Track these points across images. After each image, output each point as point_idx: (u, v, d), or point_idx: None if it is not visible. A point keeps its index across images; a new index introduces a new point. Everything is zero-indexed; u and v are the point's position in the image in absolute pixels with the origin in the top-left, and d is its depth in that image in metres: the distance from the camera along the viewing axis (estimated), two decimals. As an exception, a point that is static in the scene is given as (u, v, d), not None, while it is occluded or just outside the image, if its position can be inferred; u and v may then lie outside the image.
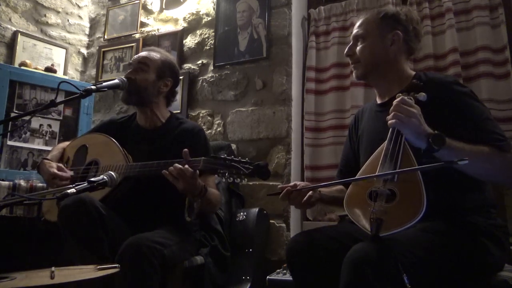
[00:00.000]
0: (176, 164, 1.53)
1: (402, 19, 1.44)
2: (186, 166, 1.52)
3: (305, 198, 1.36)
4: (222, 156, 1.46)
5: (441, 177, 1.19)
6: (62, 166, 1.83)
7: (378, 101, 1.52)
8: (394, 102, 1.18)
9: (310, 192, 1.37)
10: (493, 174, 1.19)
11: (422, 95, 1.22)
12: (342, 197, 1.25)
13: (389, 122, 1.18)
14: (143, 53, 1.94)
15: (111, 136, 1.88)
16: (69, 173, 1.81)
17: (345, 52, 1.53)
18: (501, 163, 1.16)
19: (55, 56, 3.23)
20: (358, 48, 1.47)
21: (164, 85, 1.92)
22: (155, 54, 1.94)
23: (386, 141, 1.23)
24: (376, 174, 1.17)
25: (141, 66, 1.88)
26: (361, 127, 1.58)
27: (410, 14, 1.47)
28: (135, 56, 1.97)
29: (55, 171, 1.77)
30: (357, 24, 1.51)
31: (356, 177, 1.26)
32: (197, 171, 1.54)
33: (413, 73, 1.46)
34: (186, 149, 1.55)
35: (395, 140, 1.20)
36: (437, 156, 1.13)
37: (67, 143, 2.06)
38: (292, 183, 1.41)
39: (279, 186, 1.42)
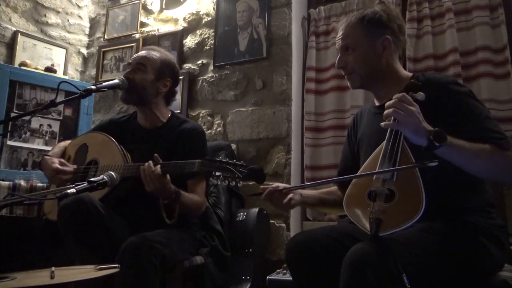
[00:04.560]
0: (149, 164, 1.56)
1: (386, 21, 1.41)
2: (158, 167, 1.54)
3: (285, 200, 1.38)
4: (217, 159, 1.47)
5: (441, 177, 1.18)
6: (64, 161, 1.83)
7: (376, 103, 1.51)
8: (394, 98, 1.16)
9: (291, 194, 1.39)
10: (494, 172, 1.19)
11: (420, 95, 1.21)
12: (330, 199, 1.25)
13: (386, 122, 1.17)
14: (142, 53, 1.94)
15: (111, 135, 1.88)
16: (71, 167, 1.80)
17: (336, 65, 1.49)
18: (502, 161, 1.16)
19: (55, 56, 3.23)
20: (350, 59, 1.44)
21: (163, 85, 1.92)
22: (155, 53, 1.93)
23: (384, 141, 1.23)
24: (370, 172, 1.17)
25: (140, 66, 1.87)
26: (360, 129, 1.57)
27: (390, 11, 1.44)
28: (134, 56, 1.96)
29: (58, 166, 1.77)
30: (341, 33, 1.46)
31: (347, 176, 1.26)
32: (167, 175, 1.56)
33: (409, 73, 1.45)
34: (156, 154, 1.59)
35: (393, 140, 1.20)
36: (437, 154, 1.13)
37: (68, 141, 2.06)
38: (274, 185, 1.43)
39: (261, 186, 1.43)
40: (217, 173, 1.44)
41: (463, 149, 1.12)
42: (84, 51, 3.51)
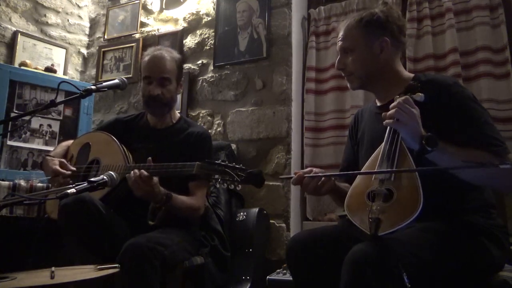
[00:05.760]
0: (136, 170, 1.57)
1: (385, 22, 1.40)
2: (143, 171, 1.55)
3: (318, 184, 1.32)
4: (216, 162, 1.46)
5: (441, 177, 1.19)
6: (65, 162, 1.83)
7: (378, 103, 1.51)
8: (397, 100, 1.18)
9: (323, 178, 1.33)
10: (487, 180, 1.19)
11: (419, 96, 1.22)
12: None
13: (387, 121, 1.18)
14: (162, 65, 1.88)
15: (116, 135, 1.89)
16: (71, 169, 1.80)
17: (335, 66, 1.50)
18: (495, 169, 1.16)
19: (55, 56, 3.23)
20: (348, 60, 1.44)
21: (180, 87, 1.99)
22: (170, 61, 1.90)
23: (383, 142, 1.23)
24: (380, 170, 1.16)
25: (165, 82, 1.87)
26: (361, 129, 1.57)
27: (390, 12, 1.43)
28: (152, 68, 1.88)
29: (57, 167, 1.77)
30: (341, 35, 1.47)
31: (372, 171, 1.22)
32: (155, 179, 1.56)
33: (410, 74, 1.45)
34: (149, 158, 1.62)
35: (391, 141, 1.20)
36: (429, 158, 1.13)
37: (70, 141, 2.07)
38: (307, 169, 1.37)
39: (295, 171, 1.38)
40: (216, 176, 1.44)
41: (455, 156, 1.13)
42: (84, 51, 3.51)
